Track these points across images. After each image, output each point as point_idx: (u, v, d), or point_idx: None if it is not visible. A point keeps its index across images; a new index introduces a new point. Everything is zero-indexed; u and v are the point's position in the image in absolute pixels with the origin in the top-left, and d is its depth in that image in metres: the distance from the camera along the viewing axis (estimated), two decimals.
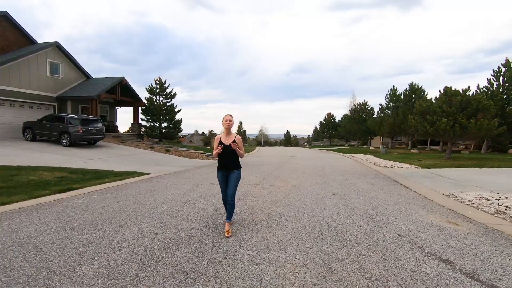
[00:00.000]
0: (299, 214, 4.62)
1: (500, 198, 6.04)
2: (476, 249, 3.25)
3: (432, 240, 3.54)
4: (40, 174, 8.15)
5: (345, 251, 3.12)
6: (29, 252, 2.96)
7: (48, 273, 2.51)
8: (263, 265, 2.76)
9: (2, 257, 2.83)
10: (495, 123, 14.26)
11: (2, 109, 15.74)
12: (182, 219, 4.21)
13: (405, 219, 4.46)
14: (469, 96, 14.84)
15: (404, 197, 6.29)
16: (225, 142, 3.73)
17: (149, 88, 23.63)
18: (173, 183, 7.62)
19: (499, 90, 19.92)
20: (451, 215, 4.83)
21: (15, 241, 3.25)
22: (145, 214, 4.49)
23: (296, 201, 5.63)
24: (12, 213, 4.48)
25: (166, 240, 3.35)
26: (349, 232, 3.77)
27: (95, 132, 15.51)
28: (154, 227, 3.85)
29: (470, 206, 5.59)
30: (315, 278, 2.52)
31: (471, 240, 3.58)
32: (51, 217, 4.26)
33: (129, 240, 3.34)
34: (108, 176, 8.41)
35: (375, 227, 4.00)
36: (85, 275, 2.48)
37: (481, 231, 3.98)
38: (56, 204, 5.18)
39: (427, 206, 5.47)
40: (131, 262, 2.76)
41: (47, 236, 3.43)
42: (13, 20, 17.46)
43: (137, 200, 5.51)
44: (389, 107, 32.26)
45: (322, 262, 2.85)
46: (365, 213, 4.76)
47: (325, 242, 3.39)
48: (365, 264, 2.82)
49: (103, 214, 4.46)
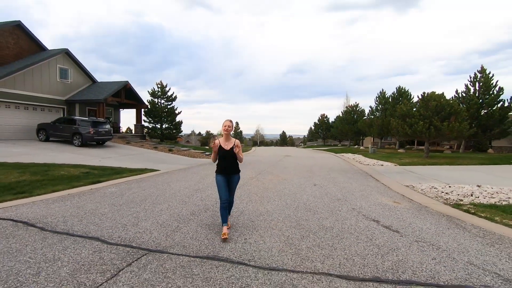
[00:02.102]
0: (284, 197, 6.14)
1: (445, 187, 7.64)
2: (400, 216, 4.81)
3: (374, 211, 5.09)
4: (67, 170, 9.55)
5: (311, 216, 4.65)
6: (100, 216, 4.43)
7: (122, 225, 3.99)
8: (256, 222, 4.28)
9: (85, 217, 4.29)
10: (466, 126, 15.98)
11: (18, 112, 17.02)
12: (197, 199, 5.71)
13: (363, 200, 6.01)
14: (443, 101, 16.52)
15: (371, 187, 7.86)
16: (225, 147, 3.80)
17: (151, 91, 25.01)
18: (182, 177, 9.10)
19: (475, 95, 21.72)
20: (399, 198, 6.40)
21: (86, 211, 4.71)
22: (168, 197, 5.97)
23: (283, 189, 7.16)
24: (66, 197, 5.92)
25: (190, 211, 4.85)
26: (317, 207, 5.30)
27: (104, 133, 16.87)
28: (179, 203, 5.34)
29: (419, 193, 7.17)
30: (289, 227, 4.04)
31: (401, 211, 5.14)
32: (98, 199, 5.72)
33: (164, 210, 4.82)
34: (124, 172, 9.82)
35: (338, 204, 5.55)
36: (146, 226, 3.97)
37: (413, 207, 5.54)
38: (94, 192, 6.62)
39: (385, 193, 7.04)
40: (172, 220, 4.26)
41: (106, 209, 4.89)
42: (26, 28, 18.73)
43: (158, 188, 6.98)
44: (378, 109, 34.03)
45: (294, 221, 4.38)
46: (334, 197, 6.30)
47: (299, 212, 4.91)
48: (322, 221, 4.35)
49: (136, 197, 5.92)
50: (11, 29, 17.90)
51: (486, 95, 21.43)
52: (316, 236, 3.71)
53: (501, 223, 4.47)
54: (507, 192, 6.77)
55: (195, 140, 71.72)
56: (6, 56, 17.50)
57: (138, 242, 3.37)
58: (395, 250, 3.30)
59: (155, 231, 3.79)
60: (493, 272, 2.79)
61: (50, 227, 3.88)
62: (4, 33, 17.45)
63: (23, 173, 8.28)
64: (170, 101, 25.67)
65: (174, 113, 25.51)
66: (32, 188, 6.75)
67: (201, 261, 2.93)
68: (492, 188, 7.27)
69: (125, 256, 2.99)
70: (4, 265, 2.72)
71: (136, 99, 23.49)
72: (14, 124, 16.84)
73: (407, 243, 3.53)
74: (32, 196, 6.03)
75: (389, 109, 31.79)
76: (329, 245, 3.41)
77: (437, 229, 4.11)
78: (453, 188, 7.49)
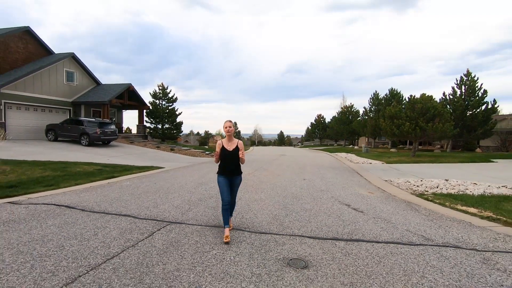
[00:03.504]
0: (276, 188, 7.22)
1: (417, 181, 8.75)
2: (369, 202, 5.90)
3: (349, 199, 6.17)
4: (82, 167, 10.56)
5: (296, 202, 5.73)
6: (125, 202, 5.47)
7: (145, 207, 5.04)
8: (251, 205, 5.36)
9: (113, 202, 5.33)
10: (449, 126, 17.15)
11: (28, 113, 17.98)
12: (202, 190, 6.77)
13: (342, 191, 7.09)
14: (428, 103, 17.68)
15: (354, 181, 8.95)
16: (228, 148, 3.74)
17: (153, 93, 26.00)
18: (186, 173, 10.15)
19: (461, 97, 22.94)
20: (375, 190, 7.50)
21: (112, 198, 5.75)
22: (177, 188, 7.02)
23: (276, 182, 8.24)
24: (89, 189, 6.95)
25: (198, 198, 5.91)
26: (303, 196, 6.38)
27: (109, 133, 17.87)
28: (187, 193, 6.39)
29: (393, 186, 8.26)
30: (277, 209, 5.12)
31: (372, 199, 6.23)
32: (118, 190, 6.75)
33: (176, 198, 5.88)
34: (133, 169, 10.85)
35: (320, 194, 6.63)
36: (164, 207, 5.03)
37: (383, 196, 6.64)
38: (112, 185, 7.65)
39: (364, 186, 8.14)
40: (184, 204, 5.32)
41: (127, 197, 5.94)
42: (34, 34, 19.68)
43: (167, 182, 8.03)
44: (372, 110, 35.24)
45: (282, 205, 5.46)
46: (319, 189, 7.39)
47: (287, 199, 5.99)
48: (304, 205, 5.43)
49: (150, 188, 6.97)
50: (20, 34, 18.85)
51: (472, 98, 22.65)
52: (297, 215, 4.79)
53: (449, 207, 5.57)
54: (467, 185, 7.89)
55: (193, 140, 72.59)
56: (17, 60, 18.45)
57: (161, 217, 4.44)
58: (355, 223, 4.38)
59: (172, 211, 4.85)
60: (421, 235, 3.88)
61: (88, 209, 4.92)
62: (15, 38, 18.39)
63: (45, 170, 9.29)
64: (171, 102, 26.69)
65: (174, 114, 26.52)
66: (57, 182, 7.77)
67: (210, 228, 4.00)
68: (456, 181, 8.40)
69: (154, 225, 4.05)
70: (69, 230, 3.77)
71: (139, 100, 24.48)
72: (25, 125, 17.80)
73: (366, 219, 4.62)
74: (60, 188, 7.06)
75: (382, 110, 33.00)
76: (306, 220, 4.49)
77: (394, 211, 5.20)
78: (424, 182, 8.60)
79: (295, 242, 3.55)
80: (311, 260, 3.03)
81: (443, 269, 2.87)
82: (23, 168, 9.02)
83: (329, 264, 2.93)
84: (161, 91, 26.02)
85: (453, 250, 3.37)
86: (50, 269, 2.71)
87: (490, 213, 5.04)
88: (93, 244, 3.31)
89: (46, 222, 4.13)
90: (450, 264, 2.98)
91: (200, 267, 2.82)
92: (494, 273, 2.80)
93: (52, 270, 2.69)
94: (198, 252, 3.18)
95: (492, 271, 2.85)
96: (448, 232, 4.02)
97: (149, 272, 2.69)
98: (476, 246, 3.49)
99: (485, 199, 6.19)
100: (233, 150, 3.74)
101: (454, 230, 4.09)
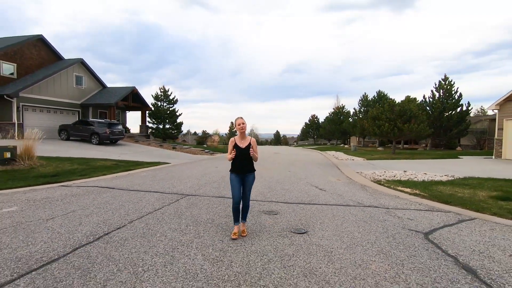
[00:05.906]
0: (264, 177, 9.11)
1: (381, 172, 10.68)
2: (333, 185, 7.80)
3: (320, 183, 8.07)
4: (101, 162, 12.33)
5: (278, 185, 7.62)
6: (150, 184, 7.30)
7: (167, 187, 6.87)
8: None
9: (141, 185, 7.16)
10: (423, 127, 19.20)
11: (42, 115, 19.65)
12: (207, 178, 8.63)
13: (317, 179, 8.99)
14: (406, 105, 19.70)
15: (330, 173, 10.87)
16: (240, 145, 3.73)
17: (155, 95, 27.76)
18: (191, 166, 11.99)
19: (439, 100, 25.07)
20: (343, 178, 9.41)
21: (139, 183, 7.58)
22: (187, 176, 8.86)
23: (265, 174, 10.12)
24: (115, 178, 8.75)
25: (204, 182, 7.77)
26: (284, 182, 8.27)
27: (117, 133, 19.60)
28: (195, 179, 8.24)
29: (361, 176, 10.18)
30: (263, 188, 7.00)
31: (337, 184, 8.13)
32: (139, 178, 8.57)
33: (188, 182, 7.73)
34: (144, 164, 12.64)
35: (299, 181, 8.53)
36: (180, 187, 6.88)
37: (347, 182, 8.55)
38: (133, 175, 9.45)
39: (337, 176, 10.06)
40: (195, 185, 7.18)
41: (150, 182, 7.76)
42: (46, 41, 21.32)
43: (177, 173, 9.86)
44: (361, 111, 37.32)
45: (267, 187, 7.34)
46: (299, 177, 9.28)
47: (272, 183, 7.88)
48: (284, 186, 7.33)
49: (165, 176, 8.79)
50: (34, 42, 20.49)
51: (448, 100, 24.79)
52: (277, 192, 6.68)
53: (392, 188, 7.49)
54: (418, 174, 9.85)
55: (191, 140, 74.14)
56: (31, 66, 20.09)
57: (181, 192, 6.29)
58: (316, 196, 6.28)
59: (187, 189, 6.71)
60: (357, 201, 5.78)
61: (125, 189, 6.75)
62: (29, 46, 20.04)
63: (72, 164, 11.06)
64: (172, 104, 28.45)
65: (175, 115, 28.29)
66: (87, 173, 9.56)
67: (216, 198, 5.88)
68: (412, 172, 10.35)
69: (177, 196, 5.91)
70: (120, 199, 5.61)
71: (142, 102, 26.23)
72: (39, 125, 19.38)
73: (326, 194, 6.52)
74: (92, 177, 8.85)
75: (370, 111, 35.11)
76: (282, 194, 6.38)
77: (349, 190, 7.12)
78: (386, 172, 10.54)
79: (272, 204, 5.43)
80: (279, 211, 4.93)
81: (357, 214, 4.78)
82: (55, 163, 10.80)
83: (290, 213, 4.83)
84: (162, 93, 27.78)
85: (372, 208, 5.28)
86: (124, 213, 4.57)
87: (418, 191, 6.97)
88: (142, 205, 5.17)
89: (101, 195, 5.97)
90: (364, 213, 4.89)
91: (212, 213, 4.70)
92: (389, 217, 4.71)
93: (125, 213, 4.55)
94: (209, 207, 5.05)
95: (388, 216, 4.75)
96: (376, 200, 5.94)
97: (181, 215, 4.56)
98: (389, 207, 5.41)
99: (424, 184, 8.12)
100: (245, 147, 3.72)
101: (382, 200, 6.01)
